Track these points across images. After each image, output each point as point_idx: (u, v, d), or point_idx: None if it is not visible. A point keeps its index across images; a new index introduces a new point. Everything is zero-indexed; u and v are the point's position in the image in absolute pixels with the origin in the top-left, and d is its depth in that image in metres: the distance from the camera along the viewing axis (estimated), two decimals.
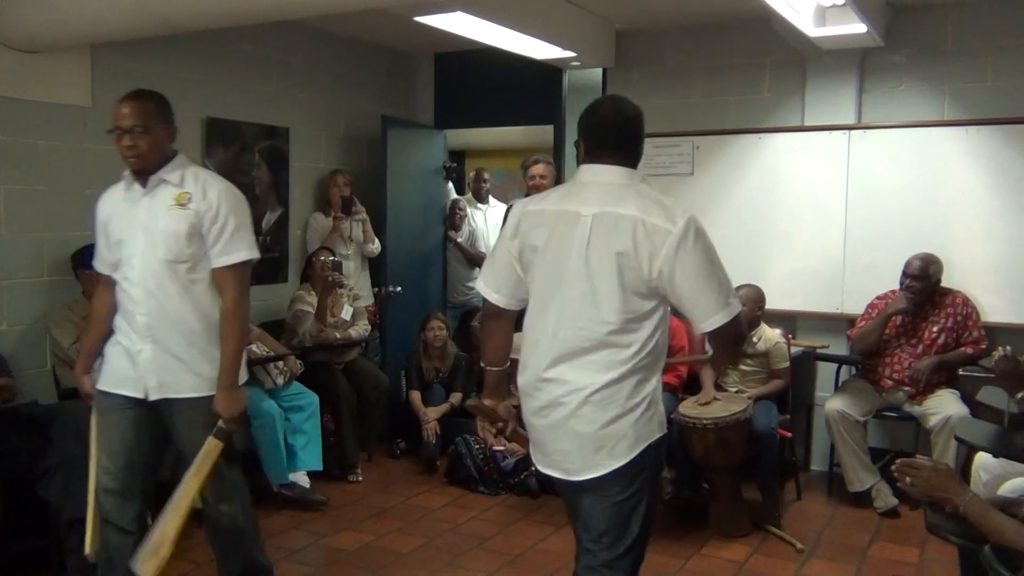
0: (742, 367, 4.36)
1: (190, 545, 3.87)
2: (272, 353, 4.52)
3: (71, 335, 3.86)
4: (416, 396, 5.20)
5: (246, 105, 5.04)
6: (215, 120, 4.84)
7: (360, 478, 4.83)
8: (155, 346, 2.79)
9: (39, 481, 3.23)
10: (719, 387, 4.36)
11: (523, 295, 2.40)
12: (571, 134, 6.37)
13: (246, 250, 2.84)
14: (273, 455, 4.30)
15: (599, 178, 2.44)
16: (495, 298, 2.45)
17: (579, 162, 2.57)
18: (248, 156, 5.07)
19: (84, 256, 4.00)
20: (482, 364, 2.54)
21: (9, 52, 3.88)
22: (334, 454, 4.80)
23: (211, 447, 2.79)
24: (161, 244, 2.79)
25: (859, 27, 4.27)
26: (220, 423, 2.79)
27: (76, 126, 4.17)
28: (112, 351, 2.89)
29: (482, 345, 2.57)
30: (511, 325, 2.51)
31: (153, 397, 2.81)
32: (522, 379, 2.35)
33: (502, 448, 4.69)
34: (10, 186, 3.93)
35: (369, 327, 5.22)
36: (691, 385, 4.50)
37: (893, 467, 2.21)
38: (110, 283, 2.92)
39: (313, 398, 4.56)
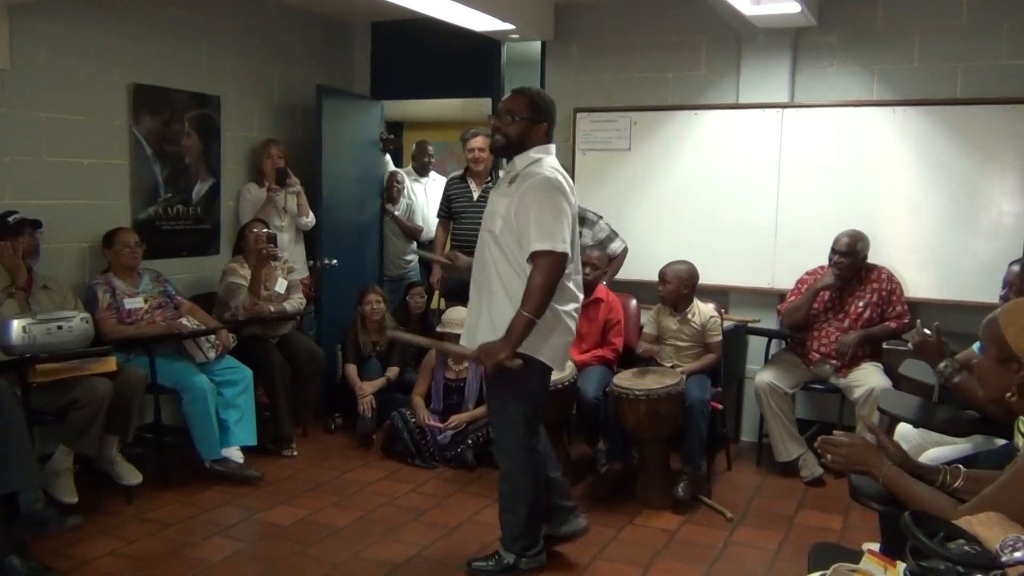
0: (677, 342, 4.42)
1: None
2: (203, 327, 4.44)
3: None
4: (352, 370, 5.16)
5: (175, 72, 4.89)
6: (142, 87, 4.69)
7: (295, 453, 4.78)
8: None
9: None
10: (655, 362, 4.42)
11: None
12: None
13: None
14: (205, 430, 4.23)
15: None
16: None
17: (536, 141, 3.24)
18: (177, 125, 4.92)
19: None
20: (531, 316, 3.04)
21: None
22: (268, 429, 4.74)
23: None
24: None
25: (793, 6, 4.33)
26: None
27: None
28: None
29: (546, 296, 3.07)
30: None
31: None
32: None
33: (436, 424, 4.69)
34: None
35: (304, 300, 5.15)
36: (626, 359, 4.56)
37: (816, 444, 2.28)
38: None
39: (246, 372, 4.49)
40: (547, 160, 3.23)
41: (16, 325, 3.56)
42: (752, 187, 5.04)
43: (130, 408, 3.98)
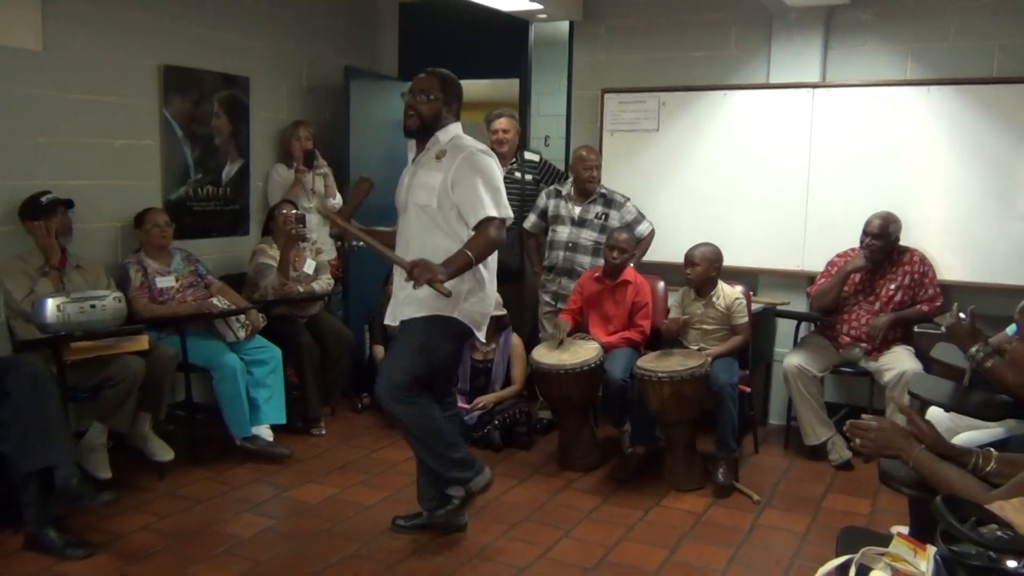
0: (703, 325, 4.40)
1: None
2: (234, 306, 4.48)
3: (24, 287, 3.79)
4: (380, 350, 5.19)
5: (205, 53, 4.91)
6: (173, 68, 4.72)
7: (323, 432, 4.83)
8: None
9: None
10: (681, 345, 4.41)
11: None
12: (538, 87, 6.33)
13: None
14: (235, 408, 4.28)
15: None
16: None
17: (448, 120, 3.37)
18: (207, 106, 4.95)
19: (30, 207, 3.92)
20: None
21: None
22: (297, 408, 4.79)
23: None
24: None
25: None
26: None
27: (27, 71, 4.04)
28: None
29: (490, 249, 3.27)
30: None
31: None
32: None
33: (463, 405, 4.71)
34: None
35: (332, 281, 5.18)
36: (655, 341, 4.55)
37: (844, 427, 2.26)
38: None
39: (276, 352, 4.53)
40: (465, 136, 3.38)
41: (51, 304, 3.61)
42: (782, 168, 4.98)
43: (162, 386, 4.04)
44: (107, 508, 3.58)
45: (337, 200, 5.37)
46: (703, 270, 4.34)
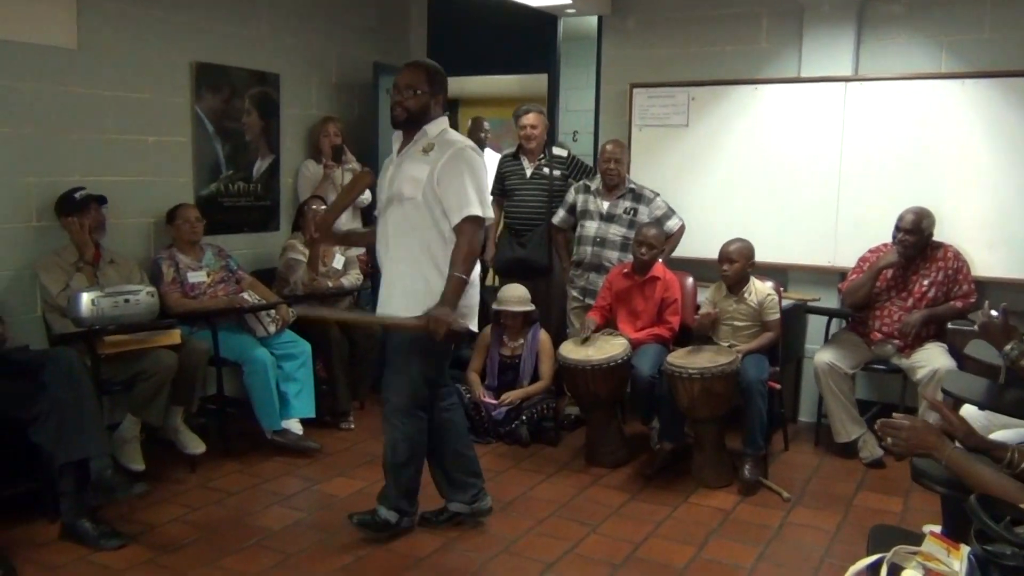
0: (734, 322, 4.37)
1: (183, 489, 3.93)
2: (264, 301, 4.52)
3: (60, 281, 3.85)
4: None
5: (235, 50, 4.96)
6: (204, 65, 4.77)
7: (352, 426, 4.87)
8: None
9: (31, 426, 3.24)
10: (711, 341, 4.38)
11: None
12: (566, 83, 6.32)
13: None
14: (266, 402, 4.32)
15: None
16: None
17: (436, 113, 3.33)
18: (238, 102, 5.00)
19: (65, 203, 3.98)
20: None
21: None
22: (326, 402, 4.83)
23: None
24: None
25: None
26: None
27: (62, 69, 4.10)
28: None
29: (475, 257, 3.26)
30: None
31: None
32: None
33: (491, 400, 4.72)
34: None
35: (361, 276, 5.21)
36: (684, 338, 4.52)
37: (876, 427, 2.23)
38: None
39: (305, 346, 4.56)
40: (453, 131, 3.39)
41: (85, 298, 3.67)
42: (814, 163, 4.93)
43: (194, 380, 4.09)
44: (140, 499, 3.63)
45: (366, 196, 5.39)
46: (740, 266, 4.31)
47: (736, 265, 4.30)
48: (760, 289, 4.37)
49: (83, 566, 3.19)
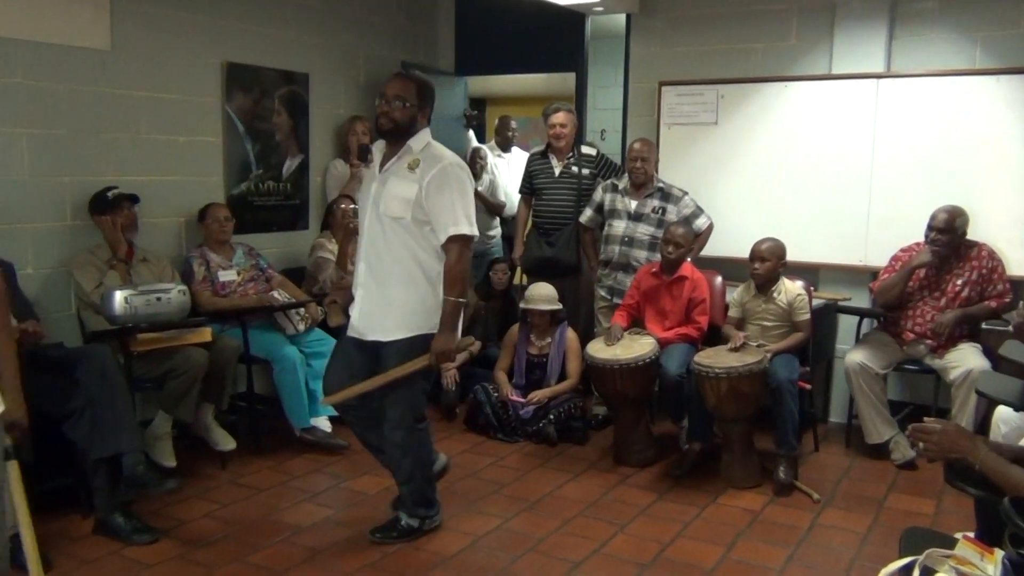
0: (763, 322, 4.33)
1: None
2: (294, 300, 4.56)
3: (94, 279, 3.90)
4: None
5: (265, 50, 5.00)
6: (234, 65, 4.81)
7: None
8: None
9: (66, 422, 3.29)
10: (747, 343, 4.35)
11: None
12: (594, 81, 6.31)
13: None
14: (295, 400, 4.36)
15: None
16: None
17: (421, 125, 3.28)
18: (268, 102, 5.04)
19: (98, 202, 4.04)
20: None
21: None
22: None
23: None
24: None
25: None
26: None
27: (95, 70, 4.16)
28: None
29: (467, 276, 3.31)
30: None
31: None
32: None
33: (518, 399, 4.72)
34: (31, 130, 3.93)
35: None
36: (712, 337, 4.49)
37: (907, 432, 2.21)
38: None
39: (334, 344, 4.58)
40: (436, 144, 3.32)
41: (119, 296, 3.72)
42: (844, 161, 4.88)
43: (224, 377, 4.13)
44: (172, 495, 3.68)
45: None
46: (772, 266, 4.27)
47: (767, 264, 4.26)
48: (790, 289, 4.33)
49: (116, 560, 3.24)
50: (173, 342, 3.90)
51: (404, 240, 3.22)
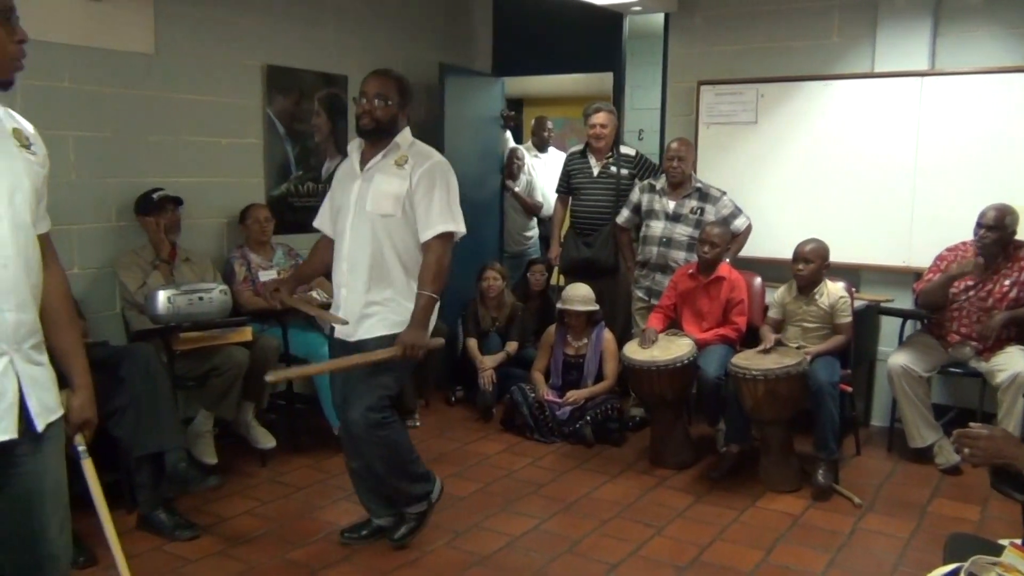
0: (804, 323, 4.28)
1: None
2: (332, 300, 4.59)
3: (138, 279, 3.97)
4: (473, 344, 5.24)
5: (304, 53, 5.05)
6: (275, 68, 4.87)
7: (418, 423, 4.91)
8: None
9: (110, 419, 3.35)
10: (780, 343, 4.30)
11: None
12: (632, 81, 6.27)
13: None
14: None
15: None
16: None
17: (402, 124, 3.21)
18: (308, 104, 5.09)
19: (143, 203, 4.11)
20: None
21: (75, 0, 3.93)
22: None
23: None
24: None
25: None
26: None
27: (140, 73, 4.23)
28: None
29: (446, 274, 3.19)
30: None
31: None
32: None
33: (555, 399, 4.71)
34: (78, 132, 4.01)
35: None
36: (751, 339, 4.45)
37: (951, 436, 2.17)
38: None
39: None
40: (419, 142, 3.27)
41: (162, 296, 3.78)
42: (887, 160, 4.80)
43: (263, 375, 4.17)
44: (213, 492, 3.73)
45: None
46: (816, 268, 4.21)
47: (811, 266, 4.21)
48: (832, 291, 4.26)
49: (158, 555, 3.29)
50: (215, 341, 3.95)
51: (391, 238, 3.14)
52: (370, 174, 3.19)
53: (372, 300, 3.18)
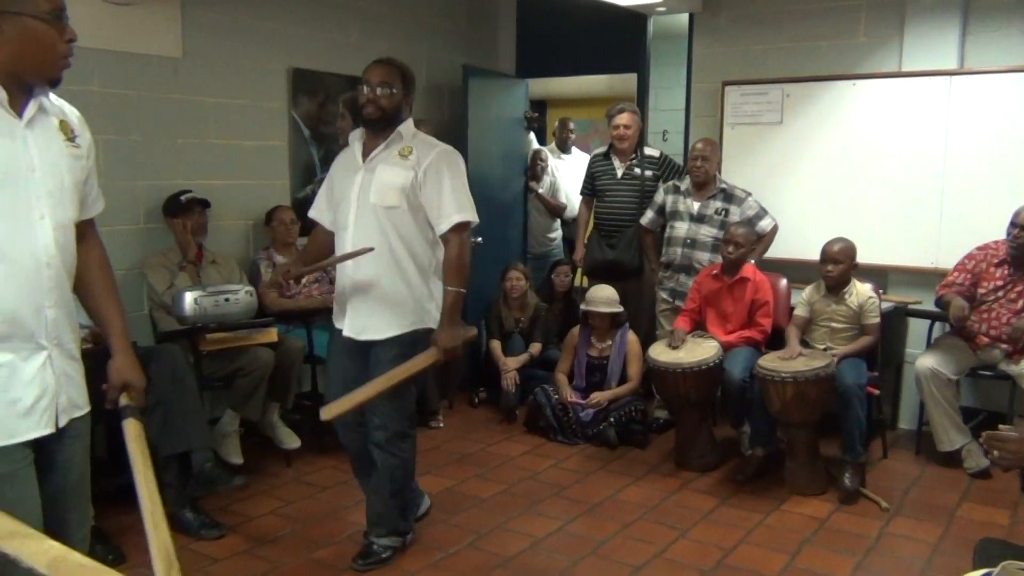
0: (832, 324, 4.24)
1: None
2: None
3: (165, 280, 4.01)
4: (496, 345, 5.25)
5: (329, 55, 5.08)
6: (300, 71, 4.90)
7: (441, 425, 4.93)
8: None
9: None
10: (806, 344, 4.27)
11: None
12: (656, 82, 6.26)
13: None
14: None
15: None
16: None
17: (406, 114, 3.16)
18: (332, 107, 5.12)
19: (171, 205, 4.16)
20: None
21: (104, 4, 3.97)
22: (416, 401, 4.88)
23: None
24: None
25: None
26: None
27: (167, 77, 4.27)
28: None
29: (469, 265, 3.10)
30: None
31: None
32: None
33: (578, 401, 4.70)
34: (107, 136, 4.04)
35: None
36: (776, 341, 4.42)
37: (980, 440, 2.14)
38: None
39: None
40: (420, 132, 3.20)
41: (189, 297, 3.81)
42: (915, 160, 4.75)
43: (290, 377, 4.21)
44: (239, 492, 3.76)
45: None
46: (845, 268, 4.18)
47: (840, 266, 4.17)
48: (861, 291, 4.22)
49: (185, 554, 3.31)
50: (241, 342, 3.99)
51: (398, 230, 3.04)
52: (373, 165, 3.09)
53: (383, 296, 3.08)
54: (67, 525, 1.92)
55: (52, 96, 1.91)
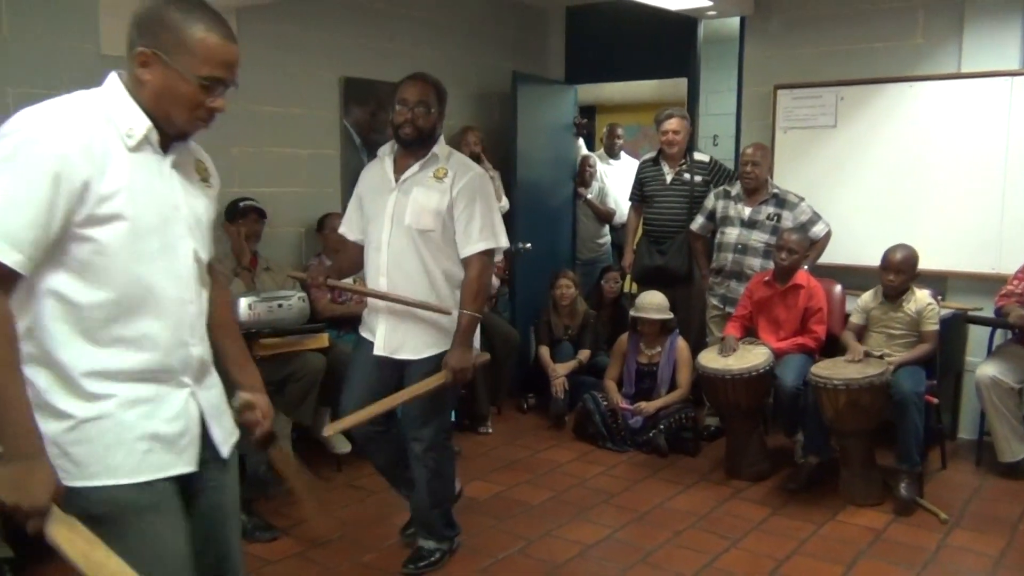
0: (889, 330, 4.15)
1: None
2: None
3: None
4: (545, 352, 5.24)
5: (379, 64, 5.13)
6: (351, 80, 4.96)
7: (490, 431, 4.94)
8: None
9: None
10: (868, 354, 4.18)
11: None
12: (706, 86, 6.19)
13: None
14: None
15: None
16: None
17: (439, 134, 3.10)
18: (383, 115, 5.17)
19: (229, 211, 4.24)
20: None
21: None
22: (465, 407, 4.91)
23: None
24: None
25: None
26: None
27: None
28: None
29: (487, 290, 3.17)
30: None
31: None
32: None
33: (628, 408, 4.68)
34: None
35: (498, 282, 5.28)
36: (831, 348, 4.34)
37: None
38: None
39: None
40: (455, 151, 3.18)
41: (243, 303, 3.87)
42: (975, 164, 4.64)
43: (341, 382, 4.24)
44: (291, 495, 3.80)
45: (504, 203, 5.46)
46: (907, 278, 4.09)
47: (902, 276, 4.07)
48: (920, 297, 4.12)
49: None
50: (293, 347, 4.04)
51: (433, 253, 3.03)
52: (407, 186, 3.05)
53: (419, 316, 3.06)
54: (231, 544, 1.97)
55: (195, 144, 1.96)
